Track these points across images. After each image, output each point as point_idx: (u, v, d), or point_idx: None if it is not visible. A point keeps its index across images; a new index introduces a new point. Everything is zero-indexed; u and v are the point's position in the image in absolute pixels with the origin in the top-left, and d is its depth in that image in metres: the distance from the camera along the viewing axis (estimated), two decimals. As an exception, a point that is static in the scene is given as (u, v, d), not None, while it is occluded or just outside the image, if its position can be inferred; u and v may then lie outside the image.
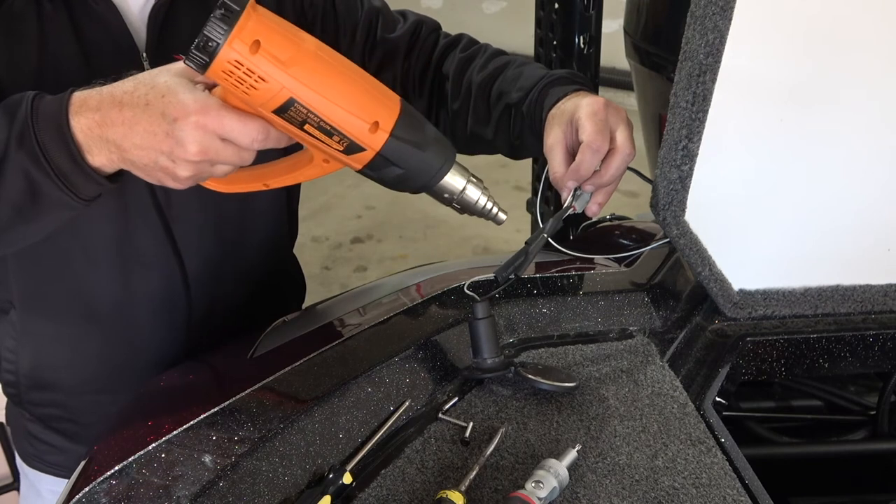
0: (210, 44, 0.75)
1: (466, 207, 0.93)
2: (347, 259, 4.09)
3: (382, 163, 0.85)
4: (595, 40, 2.11)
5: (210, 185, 0.90)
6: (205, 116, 0.79)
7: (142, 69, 1.07)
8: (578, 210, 1.05)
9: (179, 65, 0.83)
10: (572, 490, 0.87)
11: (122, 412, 1.01)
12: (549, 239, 1.08)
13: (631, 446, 0.93)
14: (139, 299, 1.18)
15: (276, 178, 0.91)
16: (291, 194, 1.34)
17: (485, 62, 1.26)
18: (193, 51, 0.76)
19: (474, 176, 0.92)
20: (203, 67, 0.76)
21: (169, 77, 0.82)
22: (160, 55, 1.09)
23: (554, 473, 0.85)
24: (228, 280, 1.25)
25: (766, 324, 1.14)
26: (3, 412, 1.40)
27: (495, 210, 0.94)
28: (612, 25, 2.64)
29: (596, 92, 1.14)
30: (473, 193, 0.92)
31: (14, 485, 1.96)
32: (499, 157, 1.35)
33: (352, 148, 0.83)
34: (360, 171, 0.87)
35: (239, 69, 0.76)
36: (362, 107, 0.82)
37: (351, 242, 4.23)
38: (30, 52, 1.03)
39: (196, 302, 1.22)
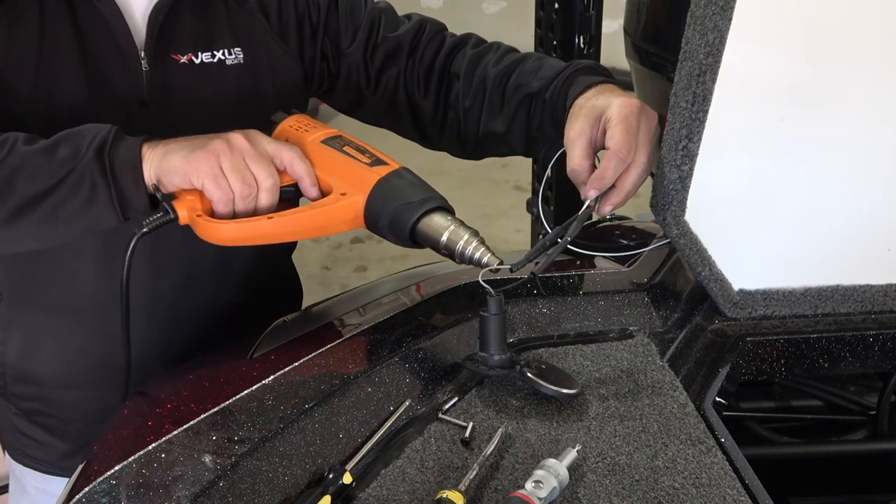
0: None
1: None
2: (347, 259, 4.09)
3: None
4: (595, 40, 2.11)
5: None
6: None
7: (139, 67, 1.09)
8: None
9: None
10: (572, 490, 0.87)
11: (121, 412, 1.01)
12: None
13: (631, 446, 0.93)
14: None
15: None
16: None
17: (499, 57, 1.25)
18: None
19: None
20: None
21: None
22: (158, 55, 1.09)
23: (554, 473, 0.85)
24: (218, 285, 1.24)
25: (766, 324, 1.14)
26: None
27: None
28: (612, 25, 2.64)
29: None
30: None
31: (14, 485, 1.95)
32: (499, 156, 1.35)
33: None
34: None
35: None
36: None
37: (351, 242, 4.22)
38: (29, 48, 1.04)
39: (183, 304, 1.21)
